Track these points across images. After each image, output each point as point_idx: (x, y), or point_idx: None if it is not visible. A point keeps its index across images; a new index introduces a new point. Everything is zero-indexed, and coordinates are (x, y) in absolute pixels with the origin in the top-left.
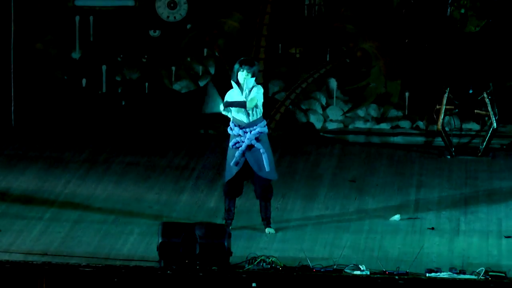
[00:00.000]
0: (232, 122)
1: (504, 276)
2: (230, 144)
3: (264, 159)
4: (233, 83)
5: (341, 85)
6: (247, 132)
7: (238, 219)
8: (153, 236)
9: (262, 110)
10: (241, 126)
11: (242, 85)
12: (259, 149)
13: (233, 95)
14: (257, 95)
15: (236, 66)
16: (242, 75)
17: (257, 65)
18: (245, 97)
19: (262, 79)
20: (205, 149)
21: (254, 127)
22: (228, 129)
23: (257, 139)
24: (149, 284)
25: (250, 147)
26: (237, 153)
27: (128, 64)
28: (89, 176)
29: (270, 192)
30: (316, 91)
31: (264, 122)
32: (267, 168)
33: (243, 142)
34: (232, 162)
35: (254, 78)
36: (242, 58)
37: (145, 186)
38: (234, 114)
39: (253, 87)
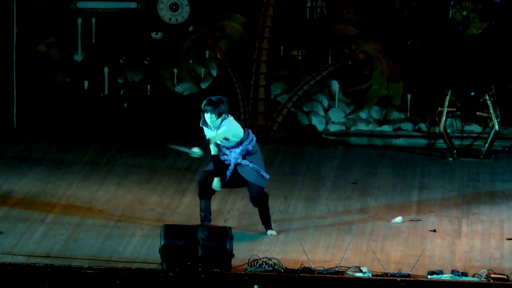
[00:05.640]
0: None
1: (506, 279)
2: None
3: (257, 171)
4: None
5: (343, 87)
6: (232, 152)
7: (240, 221)
8: (155, 238)
9: (240, 134)
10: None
11: (209, 126)
12: (248, 165)
13: (208, 133)
14: (224, 132)
15: (202, 108)
16: (207, 117)
17: (224, 104)
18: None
19: (264, 82)
20: (207, 152)
21: (239, 146)
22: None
23: (243, 156)
24: (151, 286)
25: (237, 164)
26: (228, 172)
27: (130, 66)
28: (91, 178)
29: (266, 198)
30: (318, 93)
31: (249, 139)
32: (266, 176)
33: (230, 160)
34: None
35: (220, 118)
36: (206, 100)
37: (147, 188)
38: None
39: (221, 122)
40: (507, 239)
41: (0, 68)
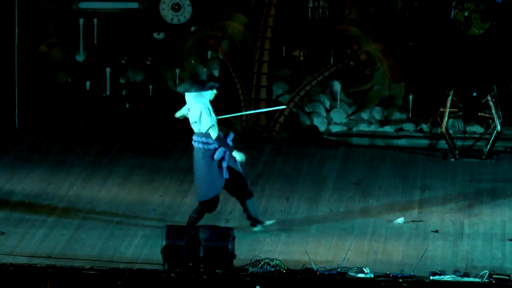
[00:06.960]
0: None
1: (508, 279)
2: (218, 156)
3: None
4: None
5: (345, 88)
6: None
7: (241, 221)
8: (157, 239)
9: None
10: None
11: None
12: (236, 157)
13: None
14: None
15: (215, 86)
16: (214, 94)
17: None
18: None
19: (266, 82)
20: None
21: (228, 136)
22: (210, 143)
23: None
24: (153, 286)
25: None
26: (224, 164)
27: (132, 67)
28: (93, 179)
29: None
30: (320, 94)
31: None
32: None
33: (224, 152)
34: (225, 175)
35: None
36: (213, 78)
37: (149, 189)
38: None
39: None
40: (509, 239)
41: (1, 68)
